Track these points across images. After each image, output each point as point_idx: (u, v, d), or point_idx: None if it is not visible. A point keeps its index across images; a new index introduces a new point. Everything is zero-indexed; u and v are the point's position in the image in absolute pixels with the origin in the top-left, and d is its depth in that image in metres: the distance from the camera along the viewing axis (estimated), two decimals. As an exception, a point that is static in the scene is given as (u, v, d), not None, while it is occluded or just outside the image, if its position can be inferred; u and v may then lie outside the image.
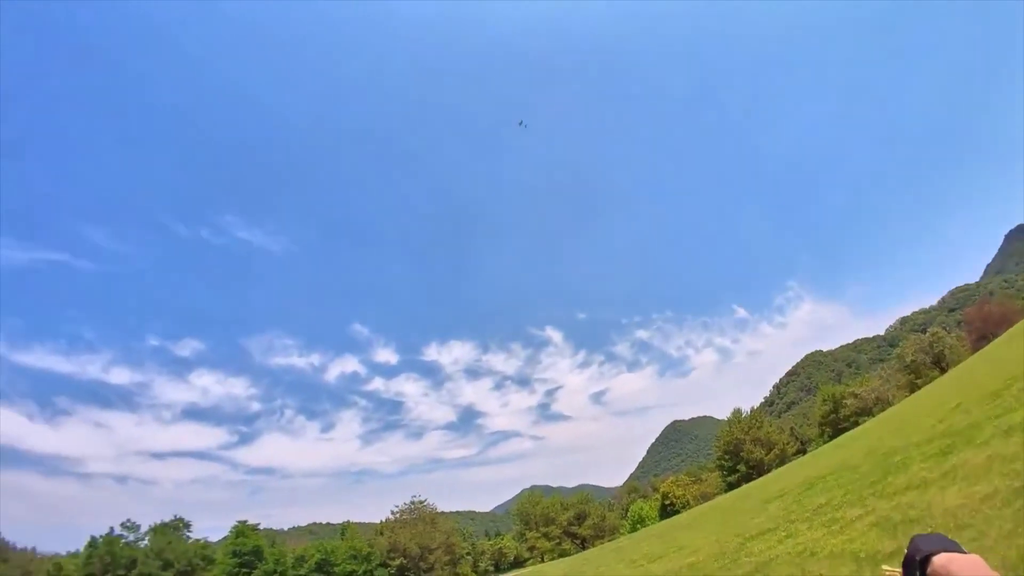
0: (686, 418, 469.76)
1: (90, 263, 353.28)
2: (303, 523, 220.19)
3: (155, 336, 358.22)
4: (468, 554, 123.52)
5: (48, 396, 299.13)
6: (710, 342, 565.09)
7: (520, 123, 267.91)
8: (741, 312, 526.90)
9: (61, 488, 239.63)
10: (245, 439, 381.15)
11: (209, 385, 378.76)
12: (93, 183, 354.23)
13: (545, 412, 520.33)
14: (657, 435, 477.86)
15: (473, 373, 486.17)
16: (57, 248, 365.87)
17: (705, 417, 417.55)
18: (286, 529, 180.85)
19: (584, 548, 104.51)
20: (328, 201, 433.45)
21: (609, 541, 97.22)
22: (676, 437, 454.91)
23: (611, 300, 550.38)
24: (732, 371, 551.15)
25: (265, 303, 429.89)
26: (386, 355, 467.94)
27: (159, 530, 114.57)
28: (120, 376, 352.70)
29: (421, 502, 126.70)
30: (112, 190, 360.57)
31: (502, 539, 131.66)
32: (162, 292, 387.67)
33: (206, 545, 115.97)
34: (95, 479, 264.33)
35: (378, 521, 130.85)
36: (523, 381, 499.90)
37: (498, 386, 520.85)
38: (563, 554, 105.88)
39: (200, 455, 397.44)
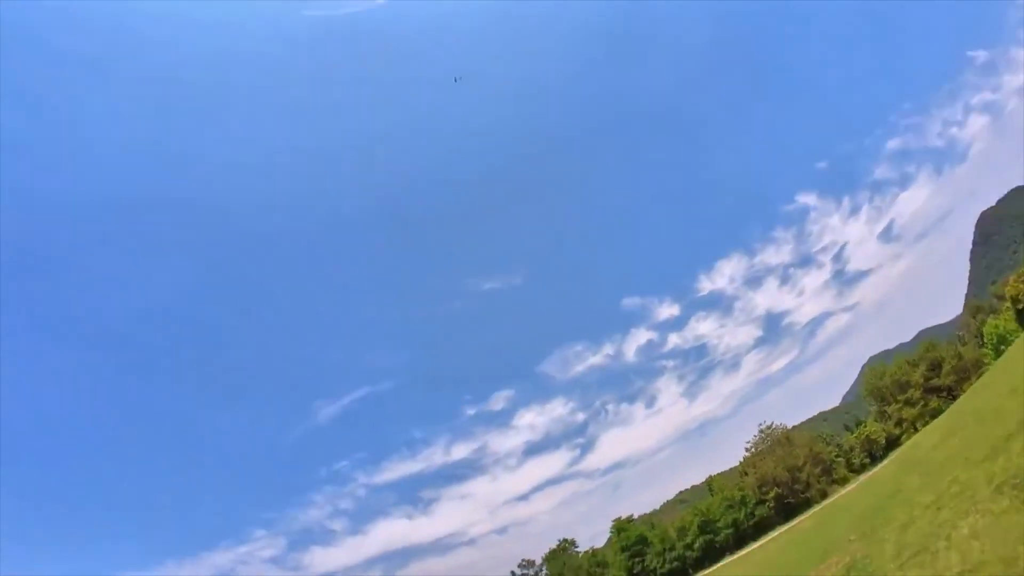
0: (993, 203, 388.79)
1: (387, 383, 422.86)
2: (670, 496, 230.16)
3: (468, 406, 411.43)
4: (837, 456, 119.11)
5: (414, 495, 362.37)
6: (968, 107, 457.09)
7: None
8: (981, 55, 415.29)
9: (458, 559, 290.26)
10: (586, 449, 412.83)
11: (532, 420, 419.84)
12: (351, 320, 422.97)
13: (843, 279, 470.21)
14: (972, 237, 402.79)
15: (753, 281, 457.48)
16: (357, 386, 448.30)
17: (1017, 189, 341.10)
18: (659, 507, 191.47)
19: (953, 398, 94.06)
20: (549, 210, 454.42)
21: (978, 378, 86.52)
22: (995, 229, 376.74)
23: (842, 131, 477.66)
24: (1014, 121, 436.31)
25: (537, 328, 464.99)
26: (666, 310, 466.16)
27: (550, 557, 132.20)
28: (459, 451, 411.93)
29: (769, 427, 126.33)
30: (369, 309, 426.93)
31: (865, 426, 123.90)
32: (452, 369, 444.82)
33: (595, 552, 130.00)
34: (480, 540, 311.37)
35: (737, 464, 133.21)
36: (805, 261, 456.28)
37: (784, 280, 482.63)
38: (935, 414, 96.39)
39: (555, 480, 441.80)
